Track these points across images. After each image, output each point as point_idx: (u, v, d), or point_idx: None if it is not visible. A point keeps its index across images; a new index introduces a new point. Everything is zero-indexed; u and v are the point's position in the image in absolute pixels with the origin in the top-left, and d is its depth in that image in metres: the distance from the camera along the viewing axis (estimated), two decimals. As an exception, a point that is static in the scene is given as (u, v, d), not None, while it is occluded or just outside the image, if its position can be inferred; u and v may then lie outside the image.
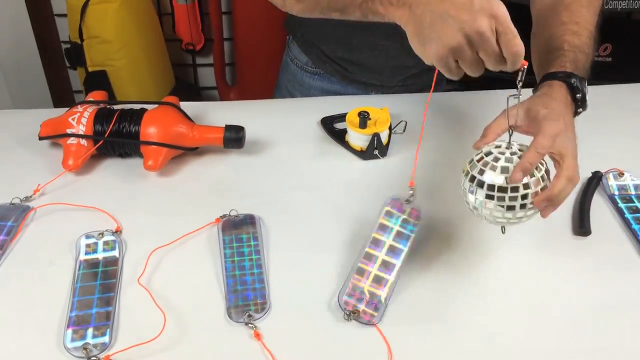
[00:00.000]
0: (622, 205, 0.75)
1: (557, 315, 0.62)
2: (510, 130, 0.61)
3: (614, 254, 0.70)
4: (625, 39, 1.74)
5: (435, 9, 0.56)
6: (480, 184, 0.57)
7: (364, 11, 0.65)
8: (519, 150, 0.59)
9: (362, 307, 0.61)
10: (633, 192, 0.77)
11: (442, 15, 0.55)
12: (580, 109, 0.67)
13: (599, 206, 0.76)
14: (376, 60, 0.97)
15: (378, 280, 0.63)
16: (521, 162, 0.56)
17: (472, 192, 0.58)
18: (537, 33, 0.78)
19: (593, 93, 1.03)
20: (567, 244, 0.71)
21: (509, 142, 0.60)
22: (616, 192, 0.77)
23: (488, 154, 0.59)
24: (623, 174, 0.79)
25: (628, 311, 0.63)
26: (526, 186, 0.57)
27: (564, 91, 0.65)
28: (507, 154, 0.58)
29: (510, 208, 0.57)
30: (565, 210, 0.76)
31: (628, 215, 0.74)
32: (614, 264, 0.68)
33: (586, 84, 0.67)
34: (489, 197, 0.57)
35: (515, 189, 0.56)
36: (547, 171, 0.59)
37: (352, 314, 0.60)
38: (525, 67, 0.57)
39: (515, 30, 0.55)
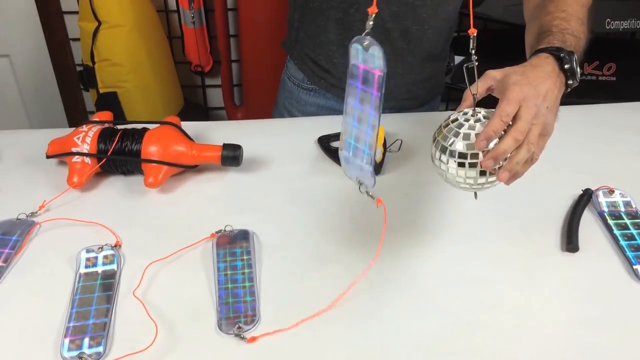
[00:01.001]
0: (611, 222, 0.76)
1: (545, 331, 0.63)
2: (474, 98, 0.63)
3: (602, 270, 0.70)
4: (628, 59, 1.75)
5: None
6: (445, 150, 0.60)
7: None
8: (484, 117, 0.60)
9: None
10: (622, 209, 0.78)
11: None
12: (571, 81, 0.66)
13: (588, 223, 0.77)
14: None
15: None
16: (485, 129, 0.58)
17: (438, 158, 0.61)
18: (527, 31, 0.80)
19: (589, 111, 1.05)
20: (556, 260, 0.72)
21: (474, 110, 0.61)
22: (606, 209, 0.78)
23: (454, 121, 0.61)
24: (613, 192, 0.80)
25: (616, 326, 0.63)
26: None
27: (550, 61, 0.65)
28: (471, 122, 0.60)
29: (478, 173, 0.59)
30: (554, 227, 0.77)
31: (616, 232, 0.74)
32: (602, 279, 0.69)
33: (576, 59, 0.66)
34: (455, 162, 0.59)
35: (476, 155, 0.58)
36: None
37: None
38: (475, 34, 0.60)
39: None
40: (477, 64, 0.59)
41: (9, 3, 1.71)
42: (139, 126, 0.88)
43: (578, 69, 0.66)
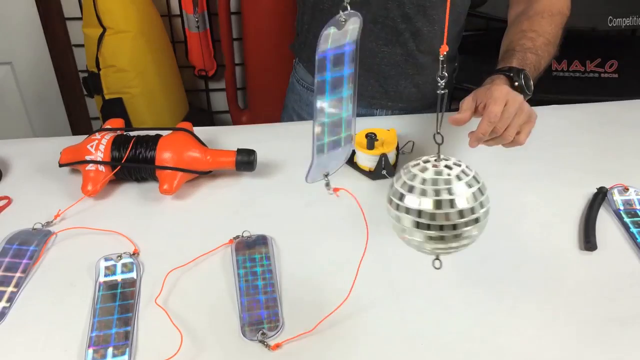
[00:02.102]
0: (627, 219, 0.76)
1: (566, 330, 0.63)
2: (440, 137, 0.49)
3: (620, 267, 0.71)
4: (630, 56, 1.76)
5: None
6: (409, 211, 0.48)
7: None
8: (452, 165, 0.49)
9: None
10: (638, 207, 0.78)
11: None
12: (525, 95, 0.76)
13: (604, 221, 0.78)
14: (378, 67, 0.99)
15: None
16: (475, 132, 0.65)
17: (397, 219, 0.50)
18: (503, 38, 0.90)
19: (599, 109, 1.06)
20: (574, 258, 0.72)
21: (439, 155, 0.50)
22: (621, 207, 0.79)
23: (413, 177, 0.49)
24: (628, 189, 0.81)
25: (635, 324, 0.63)
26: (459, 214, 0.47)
27: (503, 80, 0.77)
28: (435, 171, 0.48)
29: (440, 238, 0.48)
30: (571, 226, 0.77)
31: (633, 230, 0.75)
32: (620, 277, 0.69)
33: (524, 75, 0.77)
34: (416, 224, 0.48)
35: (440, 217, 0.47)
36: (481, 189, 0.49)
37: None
38: (444, 53, 0.52)
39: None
40: (445, 92, 0.52)
41: (11, 10, 1.70)
42: (152, 133, 0.88)
43: (530, 83, 0.78)
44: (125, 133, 0.88)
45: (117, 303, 0.67)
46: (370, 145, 0.85)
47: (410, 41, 0.95)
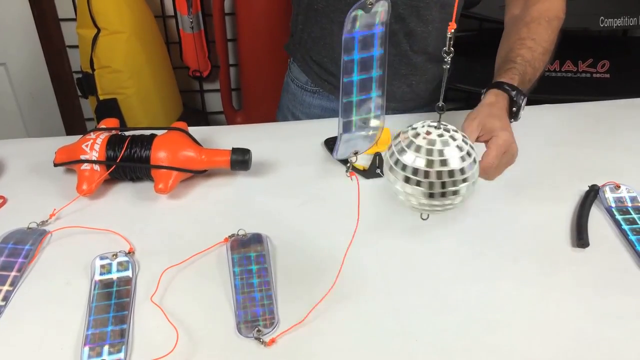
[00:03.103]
0: (619, 217, 0.77)
1: (558, 327, 0.63)
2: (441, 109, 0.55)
3: (612, 264, 0.71)
4: (622, 56, 1.77)
5: None
6: (402, 167, 0.52)
7: None
8: (446, 131, 0.53)
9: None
10: (629, 204, 0.79)
11: None
12: (512, 119, 0.77)
13: (596, 218, 0.78)
14: None
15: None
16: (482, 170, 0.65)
17: (391, 172, 0.54)
18: (502, 42, 0.90)
19: (591, 109, 1.07)
20: (566, 255, 0.73)
21: (439, 122, 0.54)
22: (613, 205, 0.79)
23: (415, 134, 0.53)
24: (619, 187, 0.82)
25: (628, 321, 0.64)
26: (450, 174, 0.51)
27: (505, 103, 0.77)
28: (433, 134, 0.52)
29: (431, 195, 0.52)
30: (563, 223, 0.78)
31: (625, 227, 0.76)
32: (612, 274, 0.70)
33: (524, 98, 0.78)
34: (408, 180, 0.52)
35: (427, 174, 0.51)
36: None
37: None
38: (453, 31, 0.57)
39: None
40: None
41: (5, 11, 1.70)
42: (147, 132, 0.88)
43: (521, 111, 0.79)
44: (120, 133, 0.88)
45: (113, 301, 0.67)
46: (365, 144, 0.85)
47: (403, 41, 0.96)
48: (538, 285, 0.69)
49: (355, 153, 0.58)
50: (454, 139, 0.53)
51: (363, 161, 0.87)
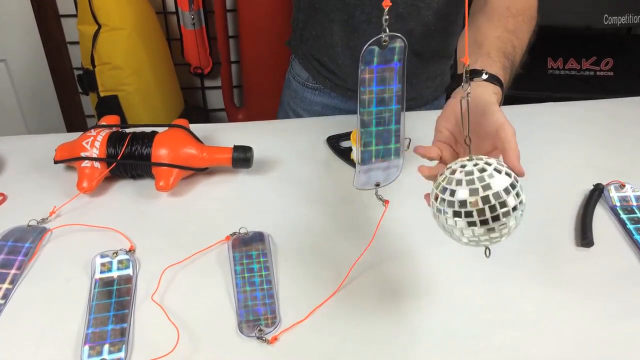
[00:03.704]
0: (624, 216, 0.77)
1: (563, 326, 0.63)
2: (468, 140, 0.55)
3: (617, 264, 0.71)
4: (625, 54, 1.76)
5: None
6: (451, 204, 0.52)
7: None
8: (486, 164, 0.52)
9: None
10: (634, 203, 0.79)
11: None
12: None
13: (601, 218, 0.78)
14: None
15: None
16: (516, 170, 0.55)
17: (442, 213, 0.53)
18: (483, 17, 0.78)
19: (594, 107, 1.06)
20: (571, 255, 0.72)
21: (470, 155, 0.54)
22: (618, 204, 0.79)
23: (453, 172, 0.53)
24: (624, 186, 0.81)
25: (632, 320, 0.64)
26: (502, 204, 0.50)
27: (498, 95, 0.67)
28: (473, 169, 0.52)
29: (484, 224, 0.51)
30: (568, 222, 0.77)
31: (630, 226, 0.75)
32: (617, 274, 0.69)
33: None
34: (459, 214, 0.51)
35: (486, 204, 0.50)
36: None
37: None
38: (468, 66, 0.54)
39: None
40: (469, 98, 0.54)
41: (5, 7, 1.69)
42: (148, 129, 0.88)
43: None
44: (120, 130, 0.88)
45: (113, 300, 0.66)
46: (367, 142, 0.85)
47: None
48: (542, 285, 0.68)
49: (377, 185, 0.60)
50: (497, 170, 0.52)
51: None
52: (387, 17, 0.53)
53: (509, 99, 1.14)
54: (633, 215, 0.77)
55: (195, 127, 0.89)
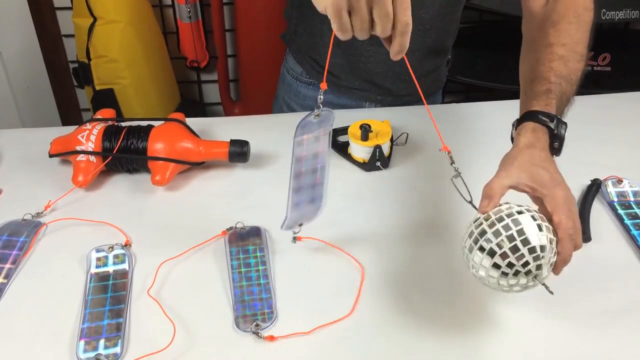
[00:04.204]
0: (621, 211, 0.76)
1: (558, 320, 0.63)
2: (473, 205, 0.59)
3: (614, 259, 0.71)
4: (623, 49, 1.76)
5: None
6: (483, 251, 0.54)
7: None
8: (521, 211, 0.55)
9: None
10: (632, 199, 0.79)
11: None
12: (554, 155, 0.65)
13: (598, 213, 0.78)
14: (365, 66, 0.98)
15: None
16: (562, 257, 0.55)
17: (472, 257, 0.56)
18: (525, 53, 0.75)
19: (592, 102, 1.06)
20: (568, 250, 0.72)
21: (511, 204, 0.56)
22: (615, 199, 0.79)
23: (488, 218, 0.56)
24: (622, 181, 0.81)
25: (629, 315, 0.64)
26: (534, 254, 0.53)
27: (546, 139, 0.63)
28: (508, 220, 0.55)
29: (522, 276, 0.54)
30: (565, 218, 0.77)
31: (627, 222, 0.75)
32: (614, 269, 0.69)
33: (566, 128, 0.65)
34: (493, 268, 0.54)
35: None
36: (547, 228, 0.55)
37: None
38: (450, 153, 0.60)
39: (409, 2, 0.56)
40: (461, 174, 0.58)
41: (0, -1, 1.68)
42: (144, 123, 0.87)
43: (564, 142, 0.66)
44: (116, 123, 0.87)
45: (109, 294, 0.66)
46: (365, 137, 0.85)
47: None
48: (539, 280, 0.68)
49: (300, 225, 0.67)
50: (529, 215, 0.55)
51: (363, 154, 0.86)
52: (322, 97, 0.59)
53: (507, 94, 1.14)
54: (630, 210, 0.77)
55: (191, 121, 0.89)
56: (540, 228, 0.54)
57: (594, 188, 0.80)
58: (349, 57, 0.98)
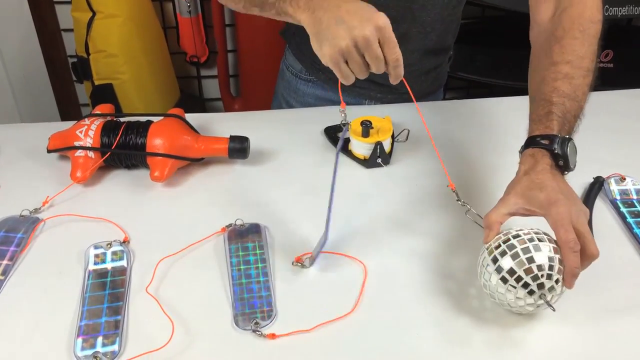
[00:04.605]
0: (624, 209, 0.76)
1: (560, 319, 0.62)
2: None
3: (616, 257, 0.70)
4: (626, 45, 1.75)
5: (332, 15, 0.64)
6: (499, 270, 0.58)
7: (277, 10, 0.71)
8: (535, 234, 0.59)
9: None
10: (635, 197, 0.78)
11: (337, 19, 0.63)
12: (566, 172, 0.65)
13: (601, 211, 0.77)
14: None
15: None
16: (567, 269, 0.57)
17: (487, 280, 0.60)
18: (531, 70, 0.75)
19: (594, 99, 1.04)
20: (570, 248, 0.71)
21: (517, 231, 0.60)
22: (618, 197, 0.78)
23: (506, 241, 0.60)
24: (625, 179, 0.80)
25: (631, 314, 0.63)
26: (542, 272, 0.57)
27: (547, 160, 0.64)
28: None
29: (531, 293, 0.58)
30: (567, 216, 0.76)
31: (630, 220, 0.74)
32: (616, 267, 0.69)
33: (569, 142, 0.65)
34: (505, 281, 0.58)
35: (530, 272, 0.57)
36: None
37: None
38: (455, 190, 0.69)
39: (395, 40, 0.64)
40: (470, 208, 0.64)
41: (-2, -7, 1.67)
42: (143, 119, 0.86)
43: (573, 158, 0.66)
44: (115, 119, 0.86)
45: (107, 292, 0.65)
46: (366, 133, 0.84)
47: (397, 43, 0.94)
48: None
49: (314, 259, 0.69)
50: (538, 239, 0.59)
51: (364, 150, 0.86)
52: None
53: (507, 91, 1.13)
54: (633, 208, 0.76)
55: (190, 117, 0.88)
56: (538, 248, 0.58)
57: (597, 186, 0.79)
58: None
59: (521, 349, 0.60)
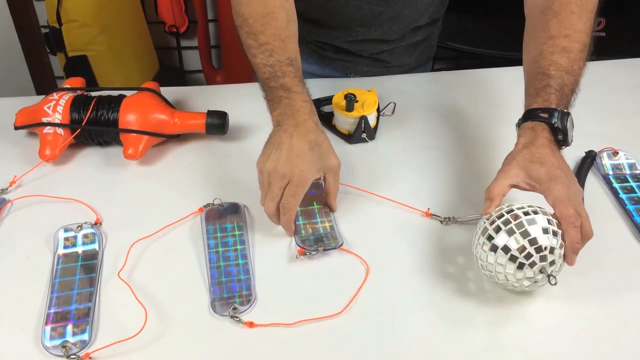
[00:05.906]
0: (616, 185, 0.74)
1: (552, 297, 0.61)
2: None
3: (608, 235, 0.68)
4: (618, 14, 1.71)
5: (282, 142, 0.65)
6: (495, 248, 0.57)
7: (264, 90, 0.74)
8: (532, 211, 0.58)
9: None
10: (627, 172, 0.76)
11: (279, 149, 0.65)
12: (564, 146, 0.65)
13: (593, 186, 0.75)
14: (352, 43, 0.94)
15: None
16: (569, 244, 0.56)
17: (487, 260, 0.58)
18: (527, 42, 0.73)
19: (587, 69, 1.01)
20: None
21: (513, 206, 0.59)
22: (610, 172, 0.76)
23: (500, 217, 0.58)
24: (617, 153, 0.78)
25: (623, 292, 0.62)
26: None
27: (547, 134, 0.63)
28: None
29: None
30: (558, 192, 0.74)
31: (622, 196, 0.72)
32: (609, 245, 0.67)
33: (568, 117, 0.65)
34: (511, 264, 0.56)
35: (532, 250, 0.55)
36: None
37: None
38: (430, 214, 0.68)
39: (294, 207, 0.64)
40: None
41: (-36, -41, 1.58)
42: (115, 93, 0.82)
43: (571, 133, 0.65)
44: (85, 93, 0.82)
45: (77, 277, 0.62)
46: (350, 107, 0.80)
47: (387, 23, 0.90)
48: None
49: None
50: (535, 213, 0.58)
51: (348, 125, 0.82)
52: None
53: (499, 61, 1.09)
54: (626, 184, 0.74)
55: (167, 91, 0.84)
56: (533, 222, 0.57)
57: (589, 160, 0.77)
58: (334, 37, 0.93)
59: (509, 329, 0.58)
